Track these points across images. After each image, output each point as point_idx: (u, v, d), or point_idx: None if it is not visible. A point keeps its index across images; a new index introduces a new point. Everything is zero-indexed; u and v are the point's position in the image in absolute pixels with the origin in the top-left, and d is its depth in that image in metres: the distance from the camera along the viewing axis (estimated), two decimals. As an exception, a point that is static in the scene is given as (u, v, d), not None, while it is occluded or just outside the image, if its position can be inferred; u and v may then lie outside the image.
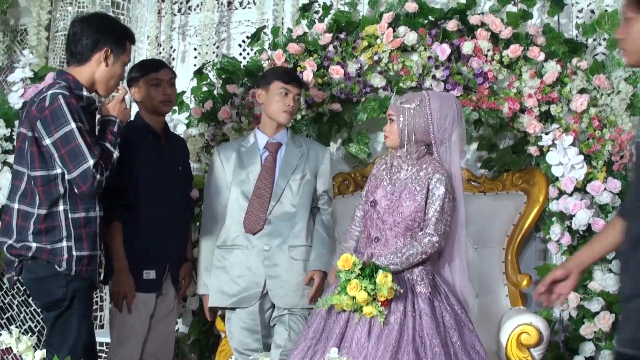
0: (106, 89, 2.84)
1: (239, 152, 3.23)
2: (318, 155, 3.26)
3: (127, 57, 2.85)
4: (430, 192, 2.76)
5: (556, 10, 3.67)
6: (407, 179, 2.81)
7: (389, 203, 2.80)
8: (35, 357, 1.95)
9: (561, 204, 3.45)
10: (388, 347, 2.56)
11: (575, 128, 3.46)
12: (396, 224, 2.77)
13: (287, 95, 3.15)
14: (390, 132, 2.85)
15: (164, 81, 3.23)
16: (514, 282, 3.50)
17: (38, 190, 2.68)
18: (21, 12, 4.54)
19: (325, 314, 2.76)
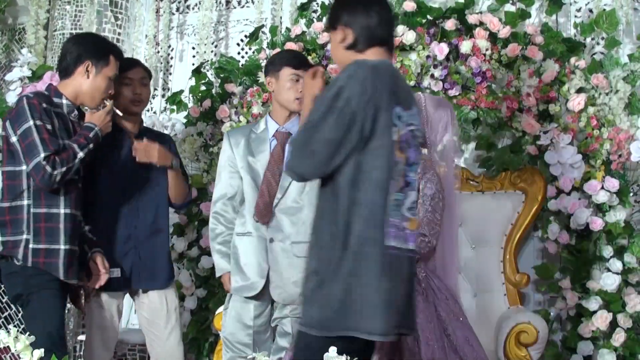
0: (92, 102, 2.95)
1: (249, 139, 3.14)
2: None
3: (111, 71, 2.94)
4: (421, 192, 2.78)
5: (554, 9, 3.67)
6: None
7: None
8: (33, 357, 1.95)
9: (559, 203, 3.45)
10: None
11: (574, 127, 3.46)
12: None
13: (299, 82, 3.02)
14: None
15: (134, 80, 3.14)
16: (512, 281, 3.50)
17: (4, 184, 2.84)
18: (19, 10, 4.53)
19: None
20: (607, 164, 3.45)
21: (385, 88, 2.18)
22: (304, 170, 2.20)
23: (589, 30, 3.63)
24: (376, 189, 2.16)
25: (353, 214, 2.15)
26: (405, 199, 2.23)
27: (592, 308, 3.37)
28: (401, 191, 2.21)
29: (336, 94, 2.14)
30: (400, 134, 2.20)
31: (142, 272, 3.15)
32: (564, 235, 3.46)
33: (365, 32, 2.25)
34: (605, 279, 3.36)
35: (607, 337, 3.38)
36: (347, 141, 2.13)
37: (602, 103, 3.49)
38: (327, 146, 2.13)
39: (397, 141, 2.19)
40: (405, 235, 2.22)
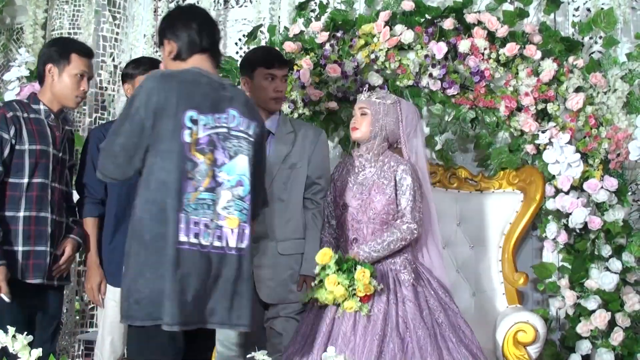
0: (68, 101, 3.06)
1: None
2: (311, 139, 3.12)
3: (75, 69, 3.02)
4: (399, 183, 2.88)
5: (552, 8, 3.67)
6: (374, 175, 2.92)
7: (360, 202, 2.91)
8: (31, 356, 1.95)
9: (558, 202, 3.45)
10: (374, 337, 2.62)
11: (572, 126, 3.46)
12: (371, 220, 2.87)
13: (274, 80, 3.05)
14: (362, 124, 2.95)
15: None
16: (511, 281, 3.50)
17: None
18: (17, 10, 4.52)
19: (312, 319, 2.81)
20: (605, 163, 3.45)
21: (175, 94, 2.39)
22: (109, 173, 2.45)
23: (587, 29, 3.64)
24: (165, 188, 2.35)
25: (146, 212, 2.36)
26: (218, 199, 2.41)
27: (591, 307, 3.37)
28: (211, 191, 2.40)
29: (130, 103, 2.42)
30: (197, 137, 2.39)
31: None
32: (562, 235, 3.46)
33: (186, 43, 2.52)
34: (604, 278, 3.36)
35: (605, 336, 3.38)
36: (140, 145, 2.38)
37: (600, 102, 3.49)
38: (124, 150, 2.39)
39: (193, 143, 2.38)
40: (222, 233, 2.40)
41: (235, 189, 2.45)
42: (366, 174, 2.94)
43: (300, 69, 3.70)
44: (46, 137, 2.97)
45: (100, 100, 4.15)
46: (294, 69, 3.70)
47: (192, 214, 2.36)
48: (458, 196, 3.61)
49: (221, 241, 2.41)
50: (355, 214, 2.91)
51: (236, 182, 2.46)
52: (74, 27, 4.19)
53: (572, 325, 3.44)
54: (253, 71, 3.08)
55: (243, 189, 2.47)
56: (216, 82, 2.53)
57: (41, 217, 2.96)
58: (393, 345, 2.62)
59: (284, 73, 3.10)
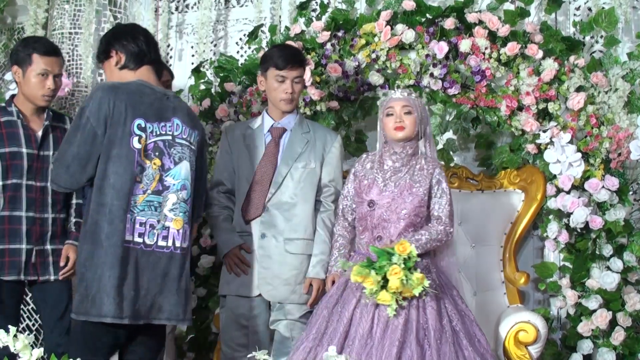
0: (37, 100, 3.15)
1: (245, 134, 3.15)
2: (326, 142, 3.12)
3: (38, 67, 3.13)
4: (435, 186, 2.87)
5: (553, 7, 3.67)
6: (406, 175, 2.88)
7: (389, 201, 2.86)
8: (32, 356, 1.95)
9: (559, 202, 3.45)
10: (394, 343, 2.58)
11: (573, 126, 3.46)
12: (400, 220, 2.83)
13: (284, 82, 3.04)
14: (408, 123, 2.91)
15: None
16: (512, 280, 3.50)
17: None
18: (18, 10, 4.52)
19: (327, 315, 2.77)
20: (606, 163, 3.45)
21: (123, 104, 2.58)
22: (62, 182, 2.61)
23: (588, 28, 3.63)
24: (115, 191, 2.55)
25: (99, 214, 2.54)
26: (165, 201, 2.62)
27: (592, 307, 3.37)
28: (158, 194, 2.61)
29: (80, 114, 2.58)
30: (145, 143, 2.60)
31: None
32: (563, 234, 3.46)
33: (135, 54, 2.72)
34: (605, 278, 3.36)
35: (606, 335, 3.38)
36: (93, 154, 2.55)
37: (601, 101, 3.49)
38: (77, 159, 2.55)
39: (142, 149, 2.59)
40: (168, 234, 2.62)
41: (180, 193, 2.67)
42: (400, 173, 2.90)
43: (301, 68, 3.69)
44: (17, 138, 3.10)
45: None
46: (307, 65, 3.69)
47: (138, 214, 2.57)
48: (459, 196, 3.60)
49: (166, 241, 2.62)
50: (384, 212, 2.86)
51: (181, 186, 2.67)
52: (74, 27, 4.19)
53: (573, 324, 3.44)
54: (267, 70, 3.08)
55: (186, 192, 2.69)
56: (160, 92, 2.73)
57: (14, 215, 3.08)
58: (411, 353, 2.57)
59: (295, 75, 3.06)
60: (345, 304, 2.75)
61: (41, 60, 3.13)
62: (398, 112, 2.92)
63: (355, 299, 2.74)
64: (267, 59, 3.10)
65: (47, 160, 3.13)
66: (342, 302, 2.77)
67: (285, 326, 3.02)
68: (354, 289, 2.77)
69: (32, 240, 3.10)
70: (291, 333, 2.99)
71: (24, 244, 3.08)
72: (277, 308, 3.04)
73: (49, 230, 3.15)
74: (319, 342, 2.71)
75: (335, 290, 2.85)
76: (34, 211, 3.10)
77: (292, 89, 3.05)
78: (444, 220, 2.86)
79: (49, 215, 3.14)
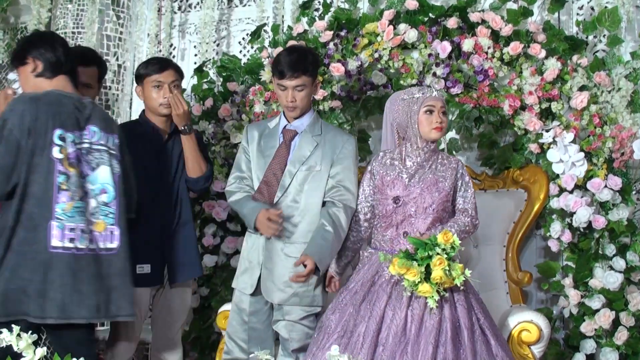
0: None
1: (262, 134, 3.13)
2: (336, 144, 3.04)
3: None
4: (460, 180, 2.91)
5: (556, 7, 3.67)
6: (429, 171, 2.88)
7: (416, 197, 2.85)
8: (35, 355, 1.95)
9: (562, 202, 3.45)
10: (430, 341, 2.57)
11: (576, 125, 3.45)
12: (427, 215, 2.84)
13: (286, 91, 3.00)
14: (445, 125, 2.91)
15: (165, 84, 3.20)
16: (515, 280, 3.50)
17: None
18: (21, 10, 4.54)
19: (354, 312, 2.74)
20: (609, 162, 3.44)
21: (44, 114, 2.66)
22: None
23: (591, 28, 3.63)
24: (36, 199, 2.63)
25: (18, 221, 2.62)
26: (87, 206, 2.72)
27: (595, 306, 3.37)
28: (82, 200, 2.71)
29: (2, 126, 2.63)
30: (67, 152, 2.68)
31: (173, 267, 3.18)
32: (566, 234, 3.45)
33: (53, 63, 2.79)
34: (608, 277, 3.36)
35: (609, 335, 3.38)
36: (17, 164, 2.62)
37: (604, 101, 3.49)
38: (1, 170, 2.61)
39: (65, 158, 2.68)
40: (94, 237, 2.71)
41: (100, 197, 2.77)
42: (423, 169, 2.89)
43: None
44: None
45: (104, 99, 4.15)
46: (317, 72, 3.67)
47: (67, 221, 2.66)
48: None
49: (93, 243, 2.71)
50: (409, 207, 2.85)
51: (100, 190, 2.77)
52: (77, 27, 4.20)
53: (576, 324, 3.44)
54: (273, 76, 3.07)
55: (107, 195, 2.78)
56: (77, 101, 2.80)
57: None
58: (446, 353, 2.57)
59: (295, 84, 2.98)
60: (376, 302, 2.71)
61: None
62: (436, 112, 2.87)
63: (386, 296, 2.71)
64: (273, 66, 3.07)
65: None
66: (371, 299, 2.74)
67: (284, 327, 3.01)
68: (384, 286, 2.74)
69: None
70: (290, 335, 2.98)
71: None
72: (277, 308, 3.05)
73: None
74: (347, 340, 2.67)
75: (360, 287, 2.81)
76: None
77: (292, 98, 2.99)
78: (470, 213, 2.89)
79: None
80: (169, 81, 3.20)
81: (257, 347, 2.84)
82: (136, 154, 3.06)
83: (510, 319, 3.20)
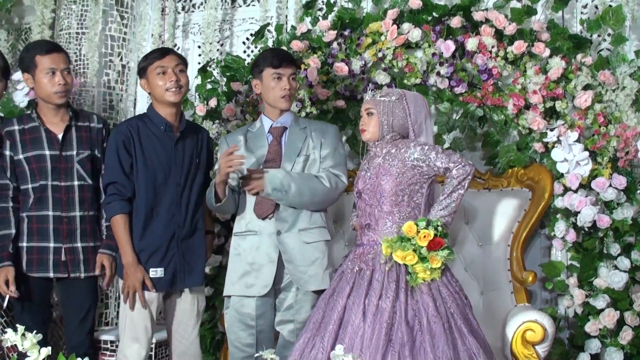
0: (51, 98, 3.20)
1: (247, 137, 3.17)
2: (322, 131, 3.16)
3: (43, 66, 3.16)
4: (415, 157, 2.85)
5: (560, 5, 3.66)
6: (381, 160, 2.92)
7: (369, 187, 2.92)
8: (40, 355, 1.95)
9: (566, 201, 3.44)
10: (382, 325, 2.62)
11: (580, 124, 3.44)
12: (381, 203, 2.87)
13: (281, 79, 3.08)
14: (369, 125, 2.97)
15: (169, 68, 3.12)
16: (519, 279, 3.49)
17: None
18: (25, 10, 4.54)
19: (324, 306, 2.83)
20: (614, 161, 3.43)
21: None
22: None
23: (595, 26, 3.62)
24: None
25: None
26: None
27: (600, 306, 3.36)
28: None
29: None
30: None
31: (185, 272, 3.14)
32: (571, 233, 3.45)
33: None
34: (613, 277, 3.35)
35: (614, 335, 3.37)
36: None
37: (608, 100, 3.48)
38: None
39: None
40: None
41: None
42: (376, 161, 2.94)
43: (307, 67, 3.70)
44: (40, 141, 3.19)
45: (108, 100, 4.16)
46: (301, 67, 3.70)
47: None
48: (466, 195, 3.59)
49: None
50: (367, 198, 2.92)
51: None
52: (81, 27, 4.20)
53: (581, 324, 3.43)
54: (261, 72, 3.12)
55: None
56: None
57: (41, 215, 3.16)
58: (401, 334, 2.61)
59: (291, 72, 3.10)
60: (340, 293, 2.80)
61: (44, 59, 3.17)
62: (362, 114, 3.02)
63: (349, 287, 2.79)
64: (261, 62, 3.14)
65: (70, 160, 3.19)
66: (337, 291, 2.83)
67: (291, 332, 3.03)
68: (348, 279, 2.83)
69: (60, 238, 3.16)
70: (296, 339, 3.00)
71: (51, 242, 3.15)
72: (287, 308, 3.05)
73: (77, 228, 3.19)
74: (316, 332, 2.76)
75: (333, 282, 2.92)
76: (61, 210, 3.16)
77: (289, 85, 3.09)
78: (450, 166, 2.82)
79: (77, 214, 3.19)
80: (172, 65, 3.13)
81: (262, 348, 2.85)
82: (145, 155, 3.07)
83: (515, 318, 3.19)
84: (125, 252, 3.06)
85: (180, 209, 3.13)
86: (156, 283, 3.08)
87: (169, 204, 3.11)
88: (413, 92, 3.13)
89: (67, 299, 3.27)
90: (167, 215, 3.10)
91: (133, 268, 3.04)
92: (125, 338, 3.13)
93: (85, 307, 3.25)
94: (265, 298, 3.05)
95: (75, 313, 3.24)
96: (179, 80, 3.13)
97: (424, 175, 2.87)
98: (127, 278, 3.06)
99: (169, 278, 3.11)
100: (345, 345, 2.59)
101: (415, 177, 2.86)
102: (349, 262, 2.92)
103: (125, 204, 3.07)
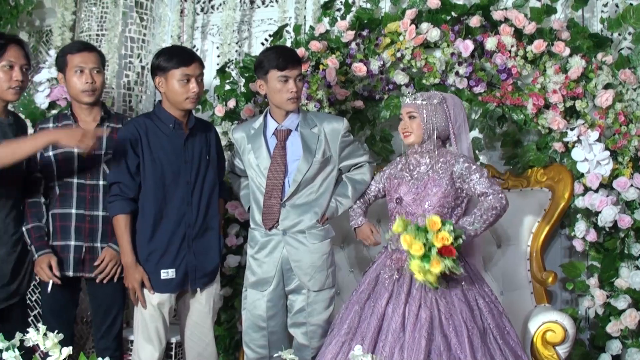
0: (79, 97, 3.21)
1: (248, 136, 3.17)
2: (334, 128, 3.13)
3: (72, 65, 3.18)
4: (459, 173, 2.88)
5: (580, 4, 3.63)
6: (429, 170, 2.93)
7: (414, 196, 2.91)
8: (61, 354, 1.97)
9: (587, 201, 3.41)
10: (423, 335, 2.63)
11: (601, 124, 3.42)
12: (426, 212, 2.86)
13: (287, 82, 3.03)
14: (413, 128, 2.95)
15: (193, 77, 3.08)
16: (539, 280, 3.47)
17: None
18: (46, 13, 4.58)
19: (359, 310, 2.83)
20: (635, 161, 3.41)
21: None
22: None
23: (615, 25, 3.59)
24: None
25: None
26: None
27: (621, 307, 3.34)
28: None
29: None
30: None
31: (197, 272, 3.14)
32: (591, 233, 3.42)
33: None
34: (634, 277, 3.32)
35: (635, 336, 3.35)
36: None
37: (629, 99, 3.45)
38: None
39: None
40: None
41: None
42: (421, 169, 2.95)
43: (326, 68, 3.70)
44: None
45: (127, 101, 4.18)
46: (319, 67, 3.70)
47: None
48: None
49: None
50: (409, 207, 2.92)
51: None
52: (101, 29, 4.24)
53: (602, 324, 3.41)
54: (266, 74, 3.06)
55: None
56: None
57: (65, 213, 3.17)
58: (438, 344, 2.63)
59: (297, 73, 3.05)
60: (378, 299, 2.81)
61: (74, 57, 3.18)
62: (404, 118, 3.01)
63: (387, 294, 2.80)
64: (265, 63, 3.07)
65: (98, 159, 3.19)
66: (375, 297, 2.84)
67: (304, 334, 3.04)
68: (386, 284, 2.83)
69: (81, 237, 3.17)
70: (310, 342, 3.02)
71: (72, 241, 3.16)
72: (297, 311, 3.07)
73: (99, 228, 3.19)
74: (352, 337, 2.77)
75: (366, 285, 2.91)
76: (84, 208, 3.17)
77: (296, 88, 3.04)
78: (489, 192, 2.84)
79: (99, 213, 3.19)
80: (196, 74, 3.09)
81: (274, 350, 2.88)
82: (153, 154, 3.06)
83: (535, 319, 3.18)
84: (125, 252, 3.05)
85: (191, 208, 3.11)
86: (168, 284, 3.07)
87: (179, 203, 3.09)
88: (451, 95, 3.14)
89: (95, 302, 3.28)
90: (177, 214, 3.09)
91: (132, 269, 3.05)
92: (139, 339, 3.14)
93: (113, 312, 3.25)
94: (275, 299, 3.06)
95: (103, 317, 3.24)
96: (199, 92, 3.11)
97: (462, 191, 2.91)
98: (126, 278, 3.07)
99: (181, 278, 3.10)
100: (385, 354, 2.62)
101: (457, 191, 2.90)
102: (386, 268, 2.91)
103: (127, 204, 3.06)
